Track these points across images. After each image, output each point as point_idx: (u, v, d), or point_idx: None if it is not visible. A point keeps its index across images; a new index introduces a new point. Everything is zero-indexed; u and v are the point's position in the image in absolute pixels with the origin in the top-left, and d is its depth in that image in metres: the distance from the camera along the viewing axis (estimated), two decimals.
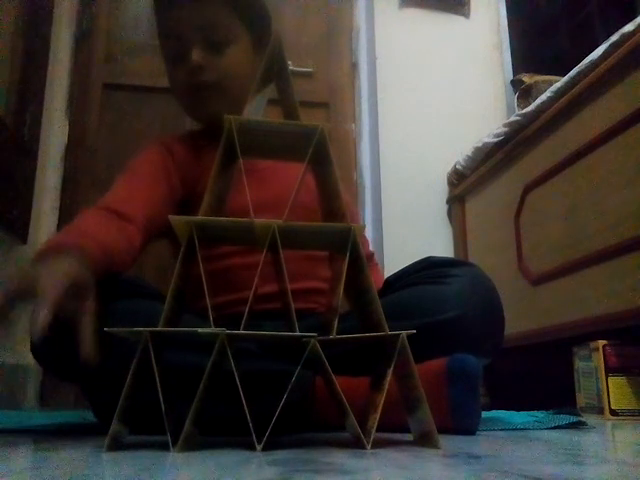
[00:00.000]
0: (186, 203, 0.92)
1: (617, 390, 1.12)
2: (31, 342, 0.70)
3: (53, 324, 0.51)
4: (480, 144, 1.78)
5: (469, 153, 1.84)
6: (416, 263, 0.84)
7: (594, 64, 1.29)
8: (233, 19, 0.93)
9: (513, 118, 1.62)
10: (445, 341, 0.73)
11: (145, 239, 0.81)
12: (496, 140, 1.69)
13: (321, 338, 0.52)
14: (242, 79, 0.94)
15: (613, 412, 1.11)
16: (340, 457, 0.44)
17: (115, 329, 0.51)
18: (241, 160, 0.59)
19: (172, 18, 0.92)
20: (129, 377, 0.50)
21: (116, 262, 0.70)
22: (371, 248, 1.20)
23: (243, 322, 0.52)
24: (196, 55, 0.90)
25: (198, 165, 0.93)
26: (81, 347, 0.55)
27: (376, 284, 0.84)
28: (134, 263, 0.79)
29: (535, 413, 0.96)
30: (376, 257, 1.22)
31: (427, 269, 0.82)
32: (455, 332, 0.74)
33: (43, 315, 0.51)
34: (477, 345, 0.74)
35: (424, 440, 0.53)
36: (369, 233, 1.93)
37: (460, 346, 0.70)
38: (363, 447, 0.49)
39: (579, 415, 0.85)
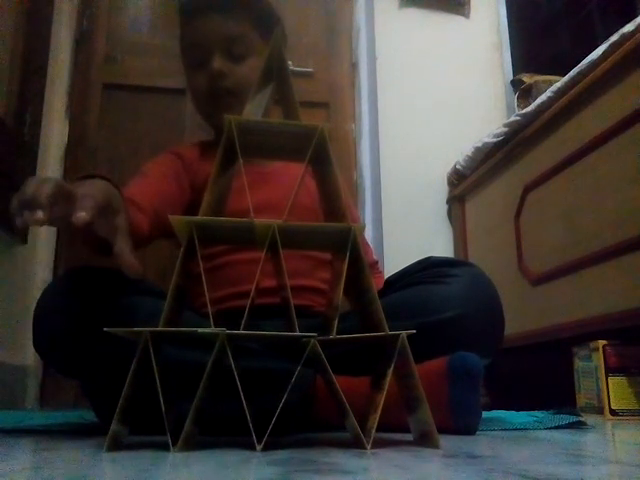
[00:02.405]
0: (194, 206, 0.93)
1: (617, 390, 1.12)
2: (34, 337, 0.70)
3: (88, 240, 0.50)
4: (480, 144, 1.78)
5: (469, 153, 1.84)
6: (416, 263, 0.85)
7: (594, 64, 1.29)
8: (254, 33, 0.98)
9: (513, 118, 1.62)
10: (445, 341, 0.73)
11: (153, 230, 0.83)
12: (496, 140, 1.69)
13: (321, 338, 0.52)
14: None
15: (613, 412, 1.11)
16: (340, 457, 0.44)
17: (115, 329, 0.51)
18: (241, 160, 0.59)
19: (197, 27, 0.96)
20: (129, 377, 0.50)
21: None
22: (374, 256, 1.20)
23: (243, 322, 0.52)
24: (217, 62, 0.94)
25: (206, 169, 0.95)
26: (121, 260, 0.56)
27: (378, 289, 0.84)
28: (140, 248, 0.81)
29: (535, 413, 0.96)
30: (376, 257, 1.21)
31: (427, 269, 0.82)
32: (455, 332, 0.74)
33: (89, 206, 0.50)
34: (477, 345, 0.74)
35: (424, 440, 0.53)
36: (369, 233, 1.92)
37: (460, 346, 0.70)
38: (363, 447, 0.49)
39: (579, 415, 0.85)
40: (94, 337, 0.63)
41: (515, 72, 2.12)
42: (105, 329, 0.51)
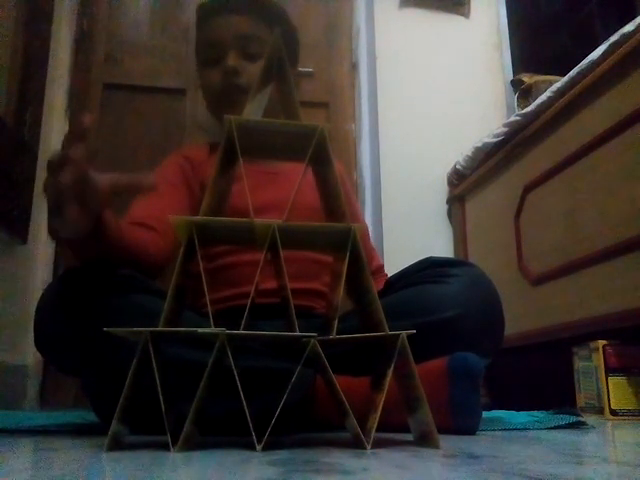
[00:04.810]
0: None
1: (617, 390, 1.12)
2: (35, 336, 0.70)
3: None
4: (480, 144, 1.78)
5: (469, 153, 1.84)
6: (417, 263, 0.85)
7: (594, 64, 1.29)
8: (269, 35, 1.01)
9: (513, 118, 1.62)
10: (445, 340, 0.73)
11: (172, 241, 0.83)
12: (496, 140, 1.69)
13: (321, 338, 0.52)
14: None
15: (613, 412, 1.11)
16: (340, 457, 0.44)
17: (115, 329, 0.51)
18: (241, 160, 0.59)
19: (215, 26, 1.01)
20: (129, 377, 0.50)
21: (136, 249, 0.74)
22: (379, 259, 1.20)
23: (243, 322, 0.52)
24: (232, 60, 0.98)
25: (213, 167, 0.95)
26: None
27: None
28: (166, 262, 0.83)
29: (535, 413, 0.96)
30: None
31: (427, 269, 0.82)
32: (455, 331, 0.74)
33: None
34: (477, 345, 0.74)
35: (424, 440, 0.53)
36: (369, 233, 1.92)
37: (460, 346, 0.70)
38: (363, 447, 0.49)
39: (579, 415, 0.85)
40: (94, 337, 0.63)
41: (515, 72, 2.12)
42: (105, 329, 0.51)
